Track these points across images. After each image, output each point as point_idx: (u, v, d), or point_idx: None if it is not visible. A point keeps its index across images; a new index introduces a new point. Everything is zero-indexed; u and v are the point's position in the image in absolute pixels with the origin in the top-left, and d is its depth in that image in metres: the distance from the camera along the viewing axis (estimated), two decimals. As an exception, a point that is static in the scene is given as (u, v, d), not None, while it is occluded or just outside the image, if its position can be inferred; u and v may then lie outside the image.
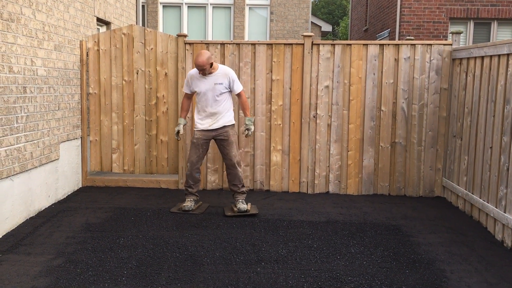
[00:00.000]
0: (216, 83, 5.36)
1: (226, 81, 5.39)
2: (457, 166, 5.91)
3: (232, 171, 5.54)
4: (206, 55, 5.23)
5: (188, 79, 5.53)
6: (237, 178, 5.54)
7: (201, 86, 5.40)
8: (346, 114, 6.41)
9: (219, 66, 5.47)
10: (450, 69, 6.25)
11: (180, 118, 5.68)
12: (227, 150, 5.50)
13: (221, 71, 5.42)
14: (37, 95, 5.22)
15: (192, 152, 5.51)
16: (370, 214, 5.57)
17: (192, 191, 5.57)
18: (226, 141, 5.48)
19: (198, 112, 5.53)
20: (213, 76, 5.38)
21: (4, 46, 4.56)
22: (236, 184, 5.56)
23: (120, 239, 4.55)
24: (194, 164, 5.50)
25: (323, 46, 6.38)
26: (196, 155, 5.49)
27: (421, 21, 11.98)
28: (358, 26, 18.75)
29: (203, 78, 5.39)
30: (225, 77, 5.39)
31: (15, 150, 4.81)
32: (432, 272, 3.96)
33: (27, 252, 4.21)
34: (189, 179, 5.56)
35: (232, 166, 5.52)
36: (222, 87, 5.39)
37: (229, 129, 5.50)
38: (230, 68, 5.60)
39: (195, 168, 5.52)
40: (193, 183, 5.57)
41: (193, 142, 5.51)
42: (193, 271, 3.89)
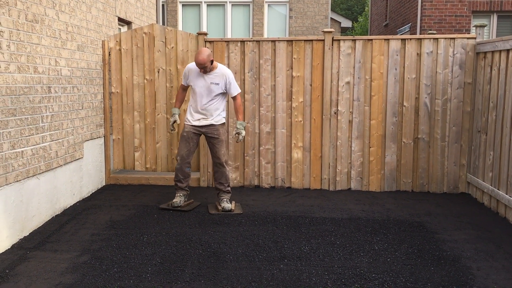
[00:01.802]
0: (212, 83, 5.33)
1: (222, 82, 5.36)
2: (482, 162, 5.80)
3: (219, 169, 5.53)
4: (207, 53, 5.19)
5: (186, 72, 5.49)
6: (224, 176, 5.53)
7: (196, 83, 5.38)
8: (367, 110, 6.35)
9: (219, 65, 5.43)
10: (474, 63, 6.14)
11: (174, 108, 5.64)
12: (216, 149, 5.48)
13: (220, 71, 5.38)
14: (61, 95, 5.31)
15: (182, 146, 5.48)
16: (393, 210, 5.52)
17: (181, 185, 5.55)
18: (216, 139, 5.46)
19: (190, 107, 5.50)
20: (210, 75, 5.35)
21: (29, 46, 4.65)
22: (223, 183, 5.55)
23: (144, 236, 4.60)
24: (184, 159, 5.48)
25: (343, 42, 6.33)
26: (187, 149, 5.47)
27: (443, 15, 11.79)
28: (378, 22, 18.55)
29: (201, 75, 5.35)
30: (222, 78, 5.36)
31: (41, 149, 4.90)
32: (458, 269, 3.90)
33: (53, 249, 4.29)
34: (179, 173, 5.52)
35: (220, 164, 5.50)
36: (217, 88, 5.35)
37: (219, 128, 5.47)
38: (229, 69, 5.55)
39: (185, 163, 5.49)
40: (183, 177, 5.54)
41: (183, 136, 5.48)
42: (216, 267, 3.91)
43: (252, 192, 6.36)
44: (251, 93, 6.49)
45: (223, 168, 5.52)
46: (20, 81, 4.49)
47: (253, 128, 6.52)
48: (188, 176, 5.59)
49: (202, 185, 6.62)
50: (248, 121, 6.52)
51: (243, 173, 6.59)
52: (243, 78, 6.49)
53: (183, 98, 5.72)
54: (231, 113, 6.49)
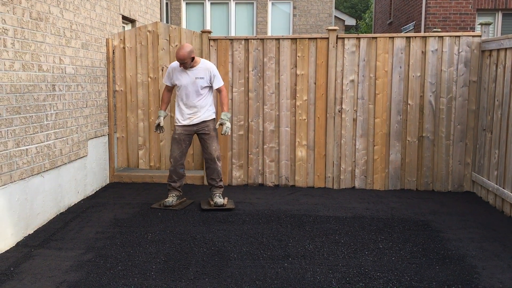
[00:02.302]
0: (197, 77, 5.33)
1: (207, 76, 5.35)
2: (487, 160, 5.77)
3: (211, 165, 5.52)
4: (188, 49, 5.19)
5: (170, 71, 5.49)
6: (215, 172, 5.53)
7: (181, 80, 5.37)
8: (372, 108, 6.33)
9: (201, 60, 5.44)
10: (479, 61, 6.11)
11: (160, 110, 5.63)
12: (207, 144, 5.47)
13: (203, 65, 5.39)
14: (65, 93, 5.32)
15: (174, 147, 5.47)
16: (398, 209, 5.50)
17: (175, 185, 5.55)
18: (207, 135, 5.45)
19: (178, 106, 5.48)
20: (194, 70, 5.35)
21: (34, 44, 4.65)
22: (215, 178, 5.54)
23: (148, 234, 4.60)
24: (177, 160, 5.47)
25: (348, 40, 6.31)
26: (179, 151, 5.46)
27: (448, 13, 11.74)
28: (382, 20, 18.50)
29: (184, 72, 5.35)
30: (206, 71, 5.36)
31: (45, 147, 4.91)
32: (463, 268, 3.88)
33: (58, 247, 4.29)
34: (173, 174, 5.52)
35: (212, 160, 5.49)
36: (203, 82, 5.34)
37: (210, 123, 5.46)
38: (211, 63, 5.56)
39: (179, 164, 5.49)
40: (177, 178, 5.54)
41: (175, 138, 5.46)
42: (221, 266, 3.90)
43: (256, 190, 6.35)
44: (255, 91, 6.48)
45: (215, 164, 5.51)
46: (25, 79, 4.50)
47: (257, 126, 6.51)
48: (183, 177, 5.59)
49: (206, 183, 6.61)
50: (252, 119, 6.51)
51: (247, 171, 6.58)
52: (247, 76, 6.47)
53: (169, 99, 5.69)
54: (234, 111, 6.48)
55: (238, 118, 6.52)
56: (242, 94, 6.50)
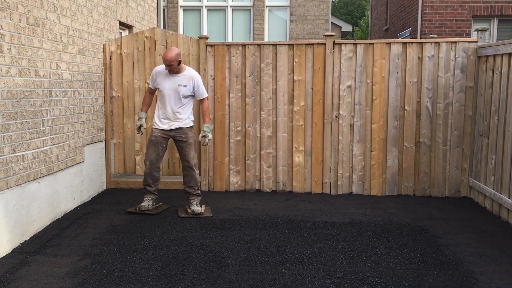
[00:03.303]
0: (180, 85, 5.31)
1: (190, 85, 5.33)
2: (484, 166, 5.79)
3: (189, 172, 5.49)
4: (175, 52, 5.19)
5: (154, 74, 5.47)
6: (193, 180, 5.50)
7: (164, 85, 5.35)
8: (369, 114, 6.34)
9: (187, 68, 5.43)
10: (476, 67, 6.13)
11: (141, 112, 5.60)
12: (185, 152, 5.44)
13: (188, 73, 5.37)
14: (62, 99, 5.30)
15: (150, 150, 5.44)
16: (395, 214, 5.49)
17: (150, 189, 5.52)
18: (184, 142, 5.43)
19: (158, 110, 5.46)
20: (178, 77, 5.34)
21: (30, 50, 4.64)
22: (192, 186, 5.52)
23: (145, 241, 4.58)
24: (153, 163, 5.45)
25: (345, 45, 6.33)
26: (155, 153, 5.43)
27: (443, 19, 11.80)
28: (378, 26, 18.58)
29: (168, 77, 5.34)
30: (190, 80, 5.34)
31: (42, 153, 4.89)
32: (461, 273, 3.88)
33: (54, 254, 4.26)
34: (148, 177, 5.49)
35: (190, 168, 5.47)
36: (185, 90, 5.32)
37: (188, 131, 5.44)
38: (197, 72, 5.54)
39: (154, 167, 5.46)
40: (152, 181, 5.51)
41: (152, 140, 5.44)
42: (218, 272, 3.88)
43: (254, 196, 6.34)
44: (252, 97, 6.48)
45: (192, 171, 5.48)
46: (21, 85, 4.48)
47: (254, 132, 6.51)
48: (157, 180, 5.56)
49: (203, 189, 6.60)
50: (250, 125, 6.50)
51: (244, 177, 6.57)
52: (244, 82, 6.48)
53: (150, 101, 5.67)
54: (231, 117, 6.48)
55: (236, 124, 6.52)
56: (239, 99, 6.50)
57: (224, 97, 6.50)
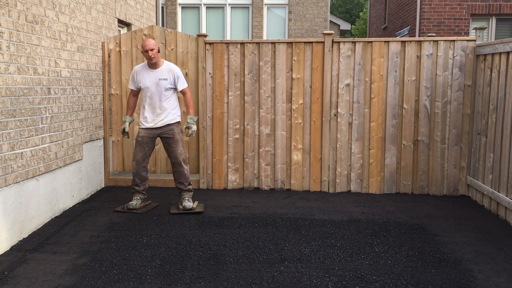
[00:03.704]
0: (161, 79, 5.32)
1: (171, 77, 5.35)
2: (482, 164, 5.80)
3: (178, 169, 5.49)
4: (153, 40, 5.30)
5: (134, 74, 5.47)
6: (183, 176, 5.50)
7: (145, 81, 5.35)
8: (367, 112, 6.35)
9: (165, 62, 5.46)
10: (474, 65, 6.14)
11: (126, 116, 5.59)
12: (172, 148, 5.44)
13: (166, 66, 5.40)
14: (61, 96, 5.30)
15: (137, 150, 5.44)
16: (393, 213, 5.51)
17: (138, 189, 5.53)
18: (171, 139, 5.43)
19: (142, 109, 5.45)
20: (157, 71, 5.35)
21: (29, 47, 4.63)
22: (182, 182, 5.52)
23: (144, 238, 4.58)
24: (140, 163, 5.45)
25: (343, 44, 6.33)
26: (142, 153, 5.43)
27: (442, 18, 11.81)
28: (376, 24, 18.58)
29: (148, 73, 5.35)
30: (169, 72, 5.36)
31: (40, 151, 4.88)
32: (459, 271, 3.89)
33: (52, 251, 4.26)
34: (136, 177, 5.51)
35: (178, 164, 5.47)
36: (166, 83, 5.33)
37: (174, 127, 5.43)
38: (175, 65, 5.57)
39: (141, 167, 5.47)
40: (140, 181, 5.52)
41: (138, 141, 5.43)
42: (217, 269, 3.89)
43: (252, 194, 6.34)
44: (251, 95, 6.48)
45: (181, 167, 5.48)
46: (20, 82, 4.48)
47: (253, 130, 6.51)
48: (145, 180, 5.56)
49: (202, 187, 6.61)
50: (248, 123, 6.51)
51: (243, 175, 6.58)
52: (243, 80, 6.48)
53: (135, 104, 5.63)
54: (230, 115, 6.48)
55: (234, 122, 6.52)
56: (238, 97, 6.50)
57: (222, 95, 6.50)
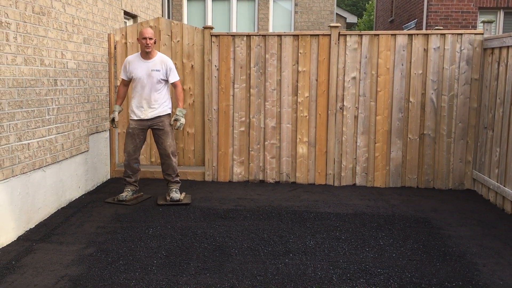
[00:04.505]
0: (153, 70, 5.31)
1: (163, 69, 5.34)
2: (488, 158, 5.78)
3: (166, 161, 5.50)
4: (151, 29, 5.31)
5: (126, 64, 5.44)
6: (171, 168, 5.51)
7: (137, 72, 5.33)
8: (373, 105, 6.33)
9: (158, 53, 5.44)
10: (481, 59, 6.10)
11: (115, 105, 5.57)
12: (161, 140, 5.44)
13: (159, 58, 5.38)
14: (67, 88, 5.31)
15: (128, 142, 5.44)
16: (398, 206, 5.51)
17: (130, 180, 5.54)
18: (161, 130, 5.42)
19: (133, 99, 5.43)
20: (150, 62, 5.33)
21: (36, 39, 4.64)
22: (170, 174, 5.53)
23: (149, 229, 4.61)
24: (131, 155, 5.45)
25: (350, 37, 6.30)
26: (133, 145, 5.43)
27: (449, 11, 11.72)
28: (383, 18, 18.47)
29: (140, 64, 5.33)
30: (162, 64, 5.34)
31: (47, 142, 4.91)
32: (464, 265, 3.89)
33: (59, 241, 4.30)
34: (127, 169, 5.50)
35: (167, 156, 5.47)
36: (159, 74, 5.32)
37: (164, 119, 5.43)
38: (168, 57, 5.55)
39: (132, 159, 5.47)
40: (132, 173, 5.52)
41: (129, 132, 5.43)
42: (222, 261, 3.91)
43: (257, 186, 6.36)
44: (257, 87, 6.47)
45: (169, 159, 5.48)
46: (27, 74, 4.49)
47: (258, 122, 6.51)
48: (137, 171, 5.56)
49: (207, 179, 6.63)
50: (254, 115, 6.50)
51: (248, 167, 6.59)
52: (248, 73, 6.47)
53: (125, 94, 5.61)
54: (236, 107, 6.47)
55: (240, 115, 6.52)
56: (243, 90, 6.49)
57: (228, 88, 6.50)
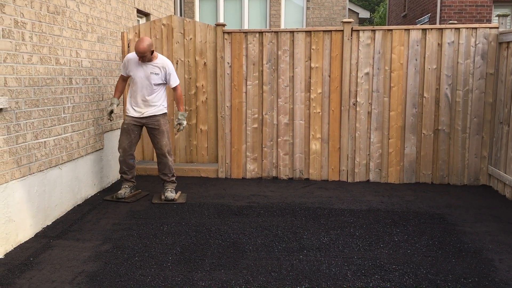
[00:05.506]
0: (152, 73, 5.28)
1: (162, 73, 5.31)
2: (504, 154, 5.72)
3: (162, 160, 5.50)
4: (147, 42, 5.14)
5: (126, 62, 5.42)
6: (167, 167, 5.51)
7: (136, 73, 5.32)
8: (387, 101, 6.30)
9: (159, 56, 5.39)
10: (497, 53, 6.03)
11: (113, 98, 5.56)
12: (157, 139, 5.44)
13: (160, 61, 5.33)
14: (82, 86, 5.37)
15: (123, 138, 5.42)
16: (413, 202, 5.48)
17: (127, 177, 5.54)
18: (156, 130, 5.41)
19: (130, 98, 5.44)
20: (150, 65, 5.30)
21: (51, 38, 4.70)
22: (166, 173, 5.53)
23: (164, 226, 4.65)
24: (126, 151, 5.44)
25: (363, 32, 6.27)
26: (128, 141, 5.41)
27: (463, 5, 11.59)
28: (396, 12, 18.32)
29: (140, 65, 5.30)
30: (162, 68, 5.31)
31: (63, 140, 4.97)
32: (480, 261, 3.86)
33: (76, 238, 4.35)
34: (123, 165, 5.49)
35: (163, 155, 5.47)
36: (157, 78, 5.30)
37: (160, 118, 5.42)
38: (169, 60, 5.50)
39: (128, 155, 5.45)
40: (128, 169, 5.51)
41: (124, 128, 5.42)
42: (236, 258, 3.93)
43: (270, 183, 6.37)
44: (269, 84, 6.47)
45: (165, 159, 5.48)
46: (43, 72, 4.55)
47: (271, 119, 6.52)
48: (133, 168, 5.55)
49: (221, 176, 6.65)
50: (267, 112, 6.51)
51: (261, 164, 6.60)
52: (261, 70, 6.47)
53: (123, 88, 5.62)
54: (248, 104, 6.48)
55: (252, 111, 6.53)
56: (256, 87, 6.50)
57: (241, 85, 6.51)
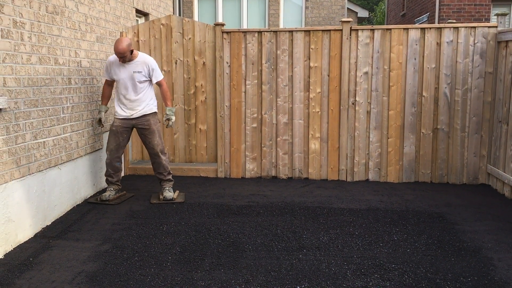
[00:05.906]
0: (135, 71, 5.24)
1: (145, 70, 5.27)
2: (503, 152, 5.72)
3: (155, 160, 5.47)
4: (126, 42, 5.09)
5: (107, 65, 5.38)
6: (161, 166, 5.48)
7: (119, 74, 5.28)
8: (386, 100, 6.30)
9: (139, 54, 5.34)
10: (495, 52, 6.04)
11: (101, 105, 5.53)
12: (149, 139, 5.40)
13: (141, 59, 5.30)
14: (81, 86, 5.37)
15: (111, 140, 5.38)
16: (412, 201, 5.48)
17: (112, 180, 5.48)
18: (147, 130, 5.37)
19: (118, 100, 5.39)
20: (132, 64, 5.26)
21: (50, 38, 4.70)
22: (162, 172, 5.51)
23: (163, 226, 4.65)
24: (114, 153, 5.39)
25: (362, 31, 6.27)
26: (116, 143, 5.37)
27: (462, 4, 11.60)
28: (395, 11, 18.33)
29: (122, 65, 5.27)
30: (144, 65, 5.27)
31: (62, 140, 4.97)
32: (479, 260, 3.87)
33: (75, 238, 4.35)
34: (109, 168, 5.44)
35: (155, 155, 5.44)
36: (141, 76, 5.26)
37: (150, 118, 5.37)
38: (151, 57, 5.47)
39: (115, 157, 5.41)
40: (113, 172, 5.45)
41: (112, 130, 5.37)
42: (236, 257, 3.93)
43: (270, 182, 6.37)
44: (268, 83, 6.47)
45: (159, 158, 5.45)
46: (42, 72, 4.55)
47: (270, 119, 6.52)
48: (119, 171, 5.50)
49: (220, 176, 6.65)
50: (266, 112, 6.51)
51: (261, 164, 6.60)
52: (260, 69, 6.47)
53: (110, 94, 5.56)
54: (247, 103, 6.48)
55: (252, 111, 6.53)
56: (255, 86, 6.50)
57: (240, 84, 6.51)
